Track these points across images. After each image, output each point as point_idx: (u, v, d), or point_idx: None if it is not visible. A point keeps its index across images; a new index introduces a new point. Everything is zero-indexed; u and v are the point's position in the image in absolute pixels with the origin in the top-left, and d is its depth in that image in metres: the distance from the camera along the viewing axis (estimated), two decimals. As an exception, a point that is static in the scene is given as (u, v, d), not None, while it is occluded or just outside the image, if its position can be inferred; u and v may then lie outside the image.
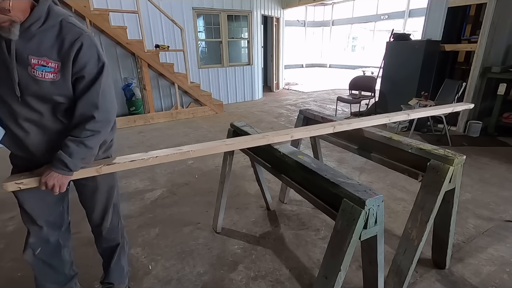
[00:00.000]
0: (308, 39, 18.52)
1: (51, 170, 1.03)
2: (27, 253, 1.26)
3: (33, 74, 0.98)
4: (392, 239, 2.06)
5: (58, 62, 1.00)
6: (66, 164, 1.03)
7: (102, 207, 1.36)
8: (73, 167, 1.05)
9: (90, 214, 1.38)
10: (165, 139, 4.47)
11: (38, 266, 1.31)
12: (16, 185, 1.04)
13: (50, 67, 0.99)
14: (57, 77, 1.01)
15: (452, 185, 1.46)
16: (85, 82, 1.04)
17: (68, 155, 1.03)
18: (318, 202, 1.30)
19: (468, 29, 5.04)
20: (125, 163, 1.16)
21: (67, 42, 1.00)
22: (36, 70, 0.98)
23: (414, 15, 13.03)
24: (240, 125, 1.94)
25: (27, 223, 1.25)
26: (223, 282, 1.74)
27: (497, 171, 3.15)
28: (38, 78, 0.99)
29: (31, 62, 0.97)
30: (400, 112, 1.98)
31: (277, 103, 7.18)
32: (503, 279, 1.73)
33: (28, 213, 1.21)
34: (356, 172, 3.22)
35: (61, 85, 1.03)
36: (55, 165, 1.03)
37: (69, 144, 1.04)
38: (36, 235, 1.25)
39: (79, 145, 1.04)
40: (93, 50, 1.04)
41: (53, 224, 1.28)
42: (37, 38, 0.97)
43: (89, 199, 1.32)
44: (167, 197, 2.73)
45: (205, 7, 6.20)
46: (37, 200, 1.20)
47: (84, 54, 1.02)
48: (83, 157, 1.07)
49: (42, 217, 1.24)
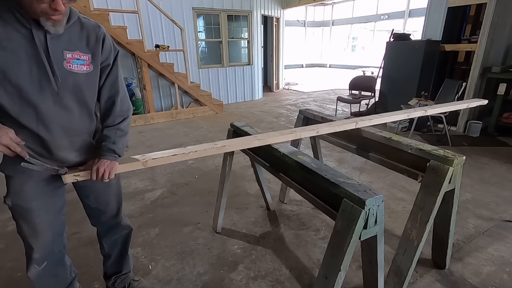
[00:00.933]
0: (308, 39, 18.53)
1: (100, 159, 1.09)
2: (32, 270, 1.21)
3: (70, 68, 1.01)
4: (392, 239, 2.06)
5: (89, 54, 1.06)
6: (114, 150, 1.12)
7: (117, 197, 1.40)
8: (120, 152, 1.14)
9: (105, 209, 1.37)
10: (165, 139, 4.47)
11: (42, 280, 1.27)
12: (74, 177, 1.08)
13: (83, 60, 1.04)
14: (90, 68, 1.07)
15: (452, 185, 1.46)
16: (108, 69, 1.14)
17: (113, 143, 1.12)
18: (318, 202, 1.30)
19: (468, 29, 5.04)
20: (168, 157, 1.19)
21: (93, 34, 1.06)
22: (72, 64, 1.01)
23: (414, 15, 13.03)
24: (240, 125, 1.94)
25: (31, 239, 1.17)
26: (223, 282, 1.74)
27: (497, 171, 3.15)
28: (75, 71, 1.02)
29: (66, 56, 1.00)
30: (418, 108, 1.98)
31: (277, 103, 7.18)
32: (503, 279, 1.73)
33: (34, 227, 1.15)
34: (356, 172, 3.22)
35: (94, 76, 1.10)
36: (105, 154, 1.10)
37: (109, 133, 1.14)
38: (41, 250, 1.20)
39: (116, 132, 1.15)
40: (110, 38, 1.15)
41: (57, 233, 1.25)
42: (66, 33, 0.99)
43: (102, 194, 1.33)
44: (167, 197, 2.73)
45: (205, 7, 6.20)
46: (47, 209, 1.16)
47: (107, 45, 1.11)
48: (123, 142, 1.17)
49: (51, 228, 1.20)
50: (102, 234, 1.48)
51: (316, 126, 1.55)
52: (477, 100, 2.10)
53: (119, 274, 1.59)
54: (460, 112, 4.48)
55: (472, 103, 2.08)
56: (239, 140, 1.43)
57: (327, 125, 1.60)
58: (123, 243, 1.54)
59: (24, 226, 1.15)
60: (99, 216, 1.39)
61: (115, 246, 1.51)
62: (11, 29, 0.89)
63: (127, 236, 1.55)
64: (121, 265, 1.58)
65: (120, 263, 1.57)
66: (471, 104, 2.08)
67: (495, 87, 4.15)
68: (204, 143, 1.34)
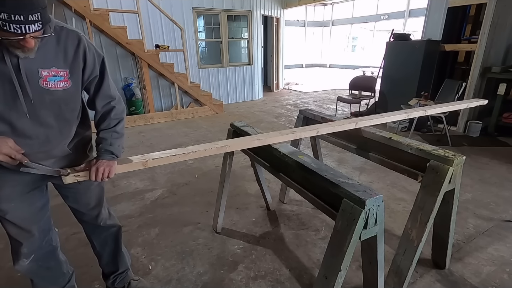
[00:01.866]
0: (308, 39, 18.52)
1: (99, 160, 1.10)
2: (20, 263, 1.23)
3: (46, 86, 0.98)
4: (392, 239, 2.06)
5: (66, 70, 1.02)
6: (112, 151, 1.13)
7: (98, 197, 1.37)
8: (118, 153, 1.16)
9: (86, 209, 1.36)
10: (165, 139, 4.47)
11: (34, 271, 1.29)
12: (74, 178, 1.08)
13: (60, 76, 1.00)
14: (69, 84, 1.04)
15: (452, 185, 1.46)
16: (97, 80, 1.13)
17: (110, 145, 1.14)
18: (318, 202, 1.30)
19: (468, 29, 5.04)
20: (168, 157, 1.19)
21: (71, 48, 1.02)
22: (48, 81, 0.98)
23: (414, 15, 13.03)
24: (240, 125, 1.94)
25: (18, 236, 1.19)
26: (223, 282, 1.74)
27: (497, 171, 3.15)
28: (51, 89, 0.99)
29: (42, 74, 0.97)
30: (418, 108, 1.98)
31: (277, 103, 7.18)
32: (503, 279, 1.73)
33: (18, 225, 1.16)
34: (356, 172, 3.22)
35: (73, 92, 1.06)
36: (103, 156, 1.11)
37: (105, 136, 1.15)
38: (29, 245, 1.22)
39: (112, 134, 1.16)
40: (92, 48, 1.09)
41: (43, 229, 1.26)
42: (40, 50, 0.95)
43: (83, 195, 1.32)
44: (167, 197, 2.73)
45: (205, 7, 6.20)
46: (27, 208, 1.17)
47: (90, 57, 1.07)
48: (119, 143, 1.17)
49: (35, 224, 1.21)
50: (88, 233, 1.48)
51: (316, 126, 1.56)
52: (477, 100, 2.10)
53: (117, 273, 1.58)
54: (460, 112, 4.48)
55: (472, 103, 2.08)
56: (239, 140, 1.43)
57: (327, 125, 1.60)
58: (114, 241, 1.52)
59: (8, 225, 1.17)
60: (80, 216, 1.39)
61: (106, 244, 1.51)
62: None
63: (116, 233, 1.53)
64: (116, 264, 1.57)
65: (115, 261, 1.56)
66: (471, 104, 2.08)
67: (495, 87, 4.15)
68: (204, 143, 1.34)
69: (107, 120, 1.17)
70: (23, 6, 0.78)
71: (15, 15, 0.77)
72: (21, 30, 0.80)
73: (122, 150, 1.19)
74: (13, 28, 0.78)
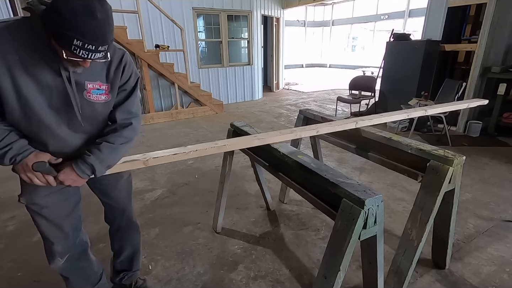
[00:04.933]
0: (308, 39, 18.52)
1: (72, 170, 0.99)
2: (56, 262, 1.24)
3: (89, 98, 1.03)
4: (392, 239, 2.06)
5: (108, 84, 1.07)
6: (94, 169, 1.01)
7: (127, 191, 1.43)
8: (99, 173, 1.04)
9: (116, 203, 1.40)
10: (165, 139, 4.47)
11: (69, 270, 1.30)
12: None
13: (103, 89, 1.05)
14: (109, 98, 1.08)
15: (452, 185, 1.46)
16: (125, 93, 1.14)
17: (99, 161, 1.02)
18: (318, 202, 1.30)
19: (468, 29, 5.04)
20: (169, 156, 1.19)
21: (114, 64, 1.07)
22: (92, 94, 1.03)
23: (414, 15, 13.03)
24: (240, 125, 1.94)
25: (51, 233, 1.19)
26: (223, 282, 1.74)
27: (497, 171, 3.15)
28: (93, 101, 1.04)
29: (87, 87, 1.01)
30: (418, 108, 1.98)
31: (277, 103, 7.18)
32: (503, 279, 1.73)
33: (52, 221, 1.17)
34: (356, 172, 3.22)
35: (110, 105, 1.11)
36: (80, 167, 1.00)
37: (103, 150, 1.04)
38: (62, 243, 1.23)
39: (112, 152, 1.06)
40: (132, 66, 1.14)
41: (76, 227, 1.28)
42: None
43: (113, 187, 1.36)
44: (167, 197, 2.73)
45: (205, 7, 6.20)
46: (62, 204, 1.19)
47: (127, 72, 1.11)
48: (110, 164, 1.07)
49: (68, 221, 1.22)
50: (114, 231, 1.52)
51: (316, 126, 1.55)
52: (478, 100, 2.09)
53: (128, 272, 1.61)
54: (460, 112, 4.48)
55: (472, 103, 2.08)
56: (239, 139, 1.43)
57: (327, 124, 1.60)
58: (136, 241, 1.57)
59: (41, 222, 1.17)
60: (110, 210, 1.43)
61: (127, 243, 1.54)
62: (40, 58, 0.91)
63: (138, 233, 1.58)
64: (131, 263, 1.60)
65: (131, 261, 1.59)
66: (472, 104, 2.08)
67: (495, 87, 4.15)
68: (204, 143, 1.34)
69: (116, 135, 1.09)
70: (97, 39, 0.83)
71: (88, 44, 0.82)
72: (87, 56, 0.85)
73: (104, 172, 1.06)
74: (81, 54, 0.83)
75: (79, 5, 0.79)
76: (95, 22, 0.81)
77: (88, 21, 0.80)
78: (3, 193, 2.76)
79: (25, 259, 1.94)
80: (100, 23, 0.82)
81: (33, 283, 1.75)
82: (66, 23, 0.79)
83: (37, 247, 2.04)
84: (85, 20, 0.80)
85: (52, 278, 1.75)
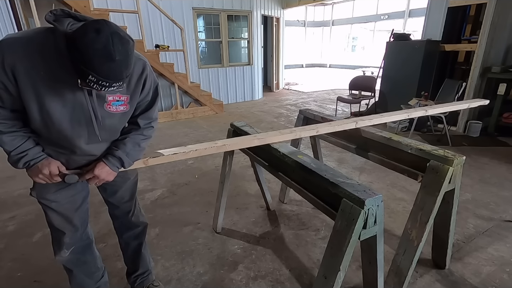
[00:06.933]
0: (308, 39, 18.52)
1: (104, 165, 1.10)
2: (61, 254, 1.27)
3: (109, 109, 1.05)
4: (392, 239, 2.06)
5: (128, 95, 1.08)
6: (123, 162, 1.13)
7: (132, 191, 1.43)
8: (127, 165, 1.15)
9: (120, 203, 1.41)
10: (165, 139, 4.47)
11: (74, 262, 1.33)
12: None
13: (122, 100, 1.07)
14: (127, 109, 1.10)
15: (452, 185, 1.46)
16: (147, 104, 1.19)
17: (126, 154, 1.13)
18: (318, 202, 1.30)
19: (468, 29, 5.04)
20: (169, 155, 1.19)
21: (135, 77, 1.07)
22: (112, 105, 1.05)
23: (414, 15, 13.03)
24: (240, 125, 1.94)
25: (61, 225, 1.23)
26: (223, 282, 1.74)
27: (497, 171, 3.15)
28: (112, 112, 1.06)
29: (108, 99, 1.03)
30: (418, 108, 1.97)
31: (277, 103, 7.18)
32: (503, 279, 1.73)
33: (62, 215, 1.21)
34: (356, 172, 3.22)
35: (128, 114, 1.14)
36: (111, 161, 1.11)
37: (128, 144, 1.15)
38: (71, 235, 1.26)
39: (135, 146, 1.16)
40: (152, 77, 1.15)
41: (84, 221, 1.31)
42: None
43: (120, 188, 1.37)
44: (167, 197, 2.73)
45: (205, 7, 6.20)
46: (72, 199, 1.21)
47: (148, 85, 1.13)
48: (136, 157, 1.18)
49: (77, 215, 1.25)
50: (117, 229, 1.53)
51: (316, 126, 1.55)
52: (479, 100, 2.09)
53: (137, 273, 1.61)
54: (460, 112, 4.48)
55: (473, 103, 2.07)
56: (239, 139, 1.43)
57: (327, 124, 1.60)
58: (137, 241, 1.57)
59: (52, 215, 1.20)
60: (113, 210, 1.45)
61: (129, 243, 1.55)
62: (63, 74, 0.91)
63: (141, 233, 1.57)
64: (135, 264, 1.60)
65: (135, 261, 1.59)
66: (472, 104, 2.08)
67: (495, 87, 4.15)
68: (204, 143, 1.34)
69: (138, 133, 1.19)
70: (113, 77, 0.84)
71: (103, 81, 0.83)
72: (101, 89, 0.86)
73: (131, 165, 1.18)
74: (95, 87, 0.84)
75: (99, 47, 0.78)
76: (113, 65, 0.81)
77: (106, 63, 0.80)
78: (3, 193, 2.75)
79: (25, 259, 1.94)
80: (117, 65, 0.82)
81: (33, 283, 1.75)
82: (83, 60, 0.79)
83: (37, 247, 2.04)
84: (103, 62, 0.80)
85: (52, 278, 1.75)
